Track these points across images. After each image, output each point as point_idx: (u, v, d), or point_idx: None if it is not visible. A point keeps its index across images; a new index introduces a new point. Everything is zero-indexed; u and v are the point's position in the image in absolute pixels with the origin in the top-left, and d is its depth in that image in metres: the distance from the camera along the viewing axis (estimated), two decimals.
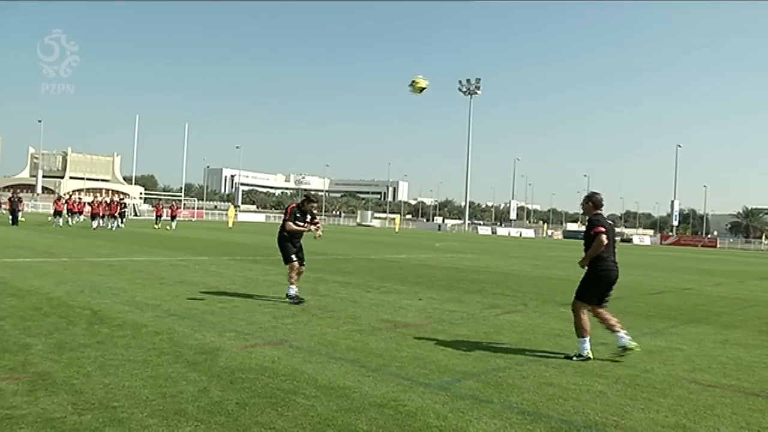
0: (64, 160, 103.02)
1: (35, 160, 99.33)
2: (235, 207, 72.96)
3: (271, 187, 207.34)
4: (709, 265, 30.05)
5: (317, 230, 10.15)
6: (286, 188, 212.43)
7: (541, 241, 65.73)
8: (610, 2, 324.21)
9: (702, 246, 73.33)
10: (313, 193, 10.65)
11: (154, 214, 39.31)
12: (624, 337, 6.76)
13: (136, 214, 64.95)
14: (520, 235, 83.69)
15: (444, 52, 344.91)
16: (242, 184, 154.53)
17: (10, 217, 32.81)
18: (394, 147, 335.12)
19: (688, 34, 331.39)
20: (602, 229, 6.66)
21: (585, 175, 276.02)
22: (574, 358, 6.58)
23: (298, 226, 9.81)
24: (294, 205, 10.07)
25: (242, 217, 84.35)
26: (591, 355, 6.61)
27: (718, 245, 76.33)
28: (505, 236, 77.59)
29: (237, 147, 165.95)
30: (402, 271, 16.92)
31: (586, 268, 6.87)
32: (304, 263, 9.94)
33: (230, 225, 50.70)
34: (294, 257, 9.70)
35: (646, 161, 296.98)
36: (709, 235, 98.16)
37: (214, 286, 11.10)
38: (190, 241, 26.23)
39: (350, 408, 4.52)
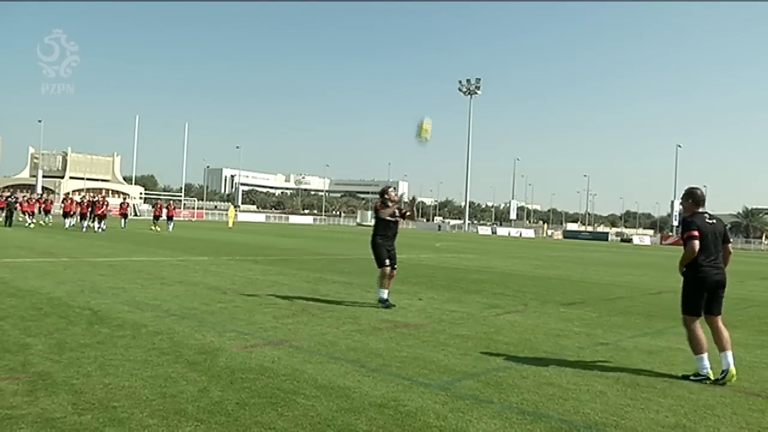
0: (64, 160, 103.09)
1: (35, 160, 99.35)
2: (235, 207, 72.91)
3: (271, 187, 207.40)
4: None
5: (409, 211, 9.88)
6: (286, 188, 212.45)
7: (541, 241, 65.72)
8: (610, 2, 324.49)
9: None
10: (386, 186, 10.20)
11: (153, 214, 37.97)
12: (729, 360, 5.95)
13: (136, 214, 64.97)
14: (520, 235, 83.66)
15: (444, 51, 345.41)
16: (242, 184, 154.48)
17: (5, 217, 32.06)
18: (394, 147, 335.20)
19: (688, 34, 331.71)
20: (695, 233, 6.05)
21: (585, 175, 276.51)
22: (692, 378, 5.96)
23: (392, 216, 9.66)
24: (378, 204, 9.84)
25: (242, 217, 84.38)
26: (711, 376, 5.92)
27: None
28: (505, 236, 77.58)
29: (237, 147, 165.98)
30: (402, 271, 16.84)
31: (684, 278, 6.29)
32: (396, 266, 9.81)
33: (230, 225, 50.72)
34: (387, 261, 9.60)
35: (646, 161, 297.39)
36: None
37: (215, 286, 11.10)
38: (191, 241, 26.23)
39: (350, 408, 4.52)
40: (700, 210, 6.29)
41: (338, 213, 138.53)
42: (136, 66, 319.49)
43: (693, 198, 6.34)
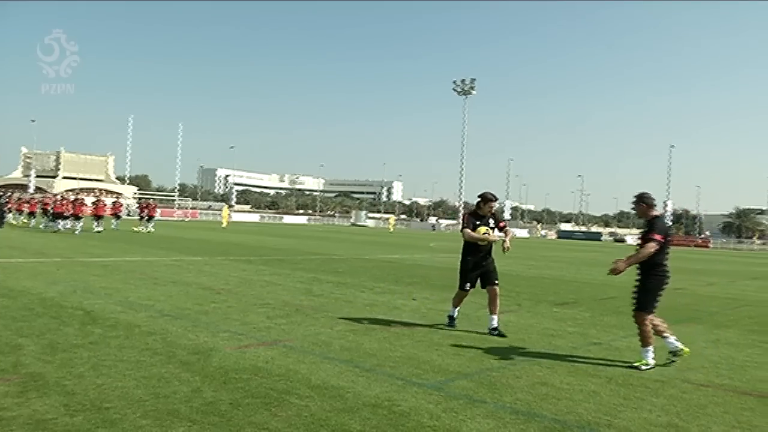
0: (57, 160, 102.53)
1: (28, 160, 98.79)
2: (229, 207, 72.75)
3: (266, 187, 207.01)
4: (701, 265, 30.17)
5: (506, 239, 8.15)
6: (281, 188, 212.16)
7: (535, 240, 65.85)
8: (604, 2, 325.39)
9: (695, 246, 73.63)
10: (489, 193, 8.23)
11: (138, 214, 36.77)
12: (673, 341, 6.57)
13: (129, 214, 64.72)
14: (514, 235, 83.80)
15: (439, 51, 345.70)
16: (236, 184, 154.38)
17: None
18: (388, 147, 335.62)
19: (682, 34, 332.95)
20: (660, 237, 6.42)
21: (579, 176, 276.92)
22: (642, 367, 6.32)
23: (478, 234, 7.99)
24: (467, 213, 8.32)
25: (236, 217, 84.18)
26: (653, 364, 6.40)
27: (711, 245, 76.69)
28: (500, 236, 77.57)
29: (231, 147, 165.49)
30: (396, 271, 16.92)
31: (641, 275, 6.62)
32: (497, 282, 8.05)
33: (224, 225, 50.59)
34: (468, 285, 8.09)
35: (639, 161, 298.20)
36: (702, 235, 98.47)
37: (208, 287, 11.07)
38: (184, 242, 26.17)
39: (344, 408, 4.51)
40: (656, 213, 6.72)
41: (333, 213, 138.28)
42: (131, 66, 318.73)
43: (648, 201, 6.72)
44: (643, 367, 6.32)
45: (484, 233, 7.93)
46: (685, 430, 4.49)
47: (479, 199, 8.17)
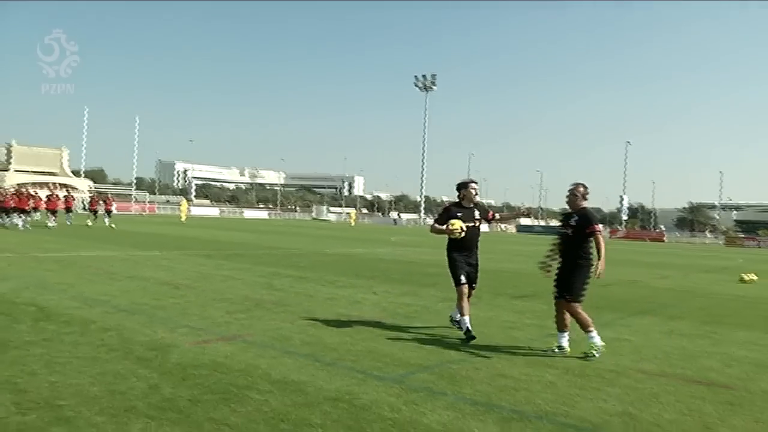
0: (8, 153, 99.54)
1: None
2: (188, 201, 71.69)
3: (226, 181, 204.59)
4: (656, 258, 30.90)
5: (502, 221, 7.99)
6: (241, 182, 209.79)
7: (495, 235, 66.53)
8: (561, 2, 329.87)
9: (650, 240, 75.27)
10: (470, 182, 7.65)
11: (89, 209, 35.42)
12: (566, 338, 6.77)
13: (84, 209, 63.21)
14: (517, 221, 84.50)
15: (400, 47, 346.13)
16: (195, 178, 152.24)
17: None
18: (350, 142, 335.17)
19: (636, 33, 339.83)
20: (601, 227, 6.65)
21: (538, 171, 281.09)
22: (596, 353, 6.46)
23: (449, 226, 7.26)
24: (449, 204, 7.71)
25: (195, 211, 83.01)
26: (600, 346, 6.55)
27: (665, 239, 78.44)
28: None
29: (190, 140, 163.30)
30: (357, 265, 16.93)
31: (579, 266, 6.62)
32: (475, 284, 7.54)
33: (183, 219, 49.87)
34: (463, 278, 7.33)
35: (597, 157, 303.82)
36: (657, 230, 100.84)
37: (166, 281, 10.90)
38: (141, 236, 25.70)
39: (304, 402, 4.51)
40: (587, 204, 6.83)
41: (294, 207, 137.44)
42: (86, 57, 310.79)
43: (585, 193, 6.80)
44: (596, 353, 6.45)
45: (454, 229, 7.23)
46: (639, 418, 4.61)
47: (460, 185, 7.61)
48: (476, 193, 7.54)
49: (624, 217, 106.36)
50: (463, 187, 7.54)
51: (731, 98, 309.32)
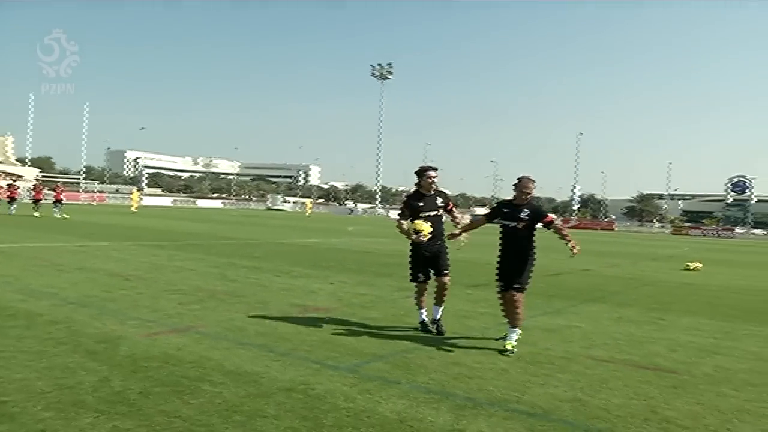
0: None
1: None
2: (139, 190, 70.16)
3: (178, 170, 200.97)
4: (606, 247, 31.66)
5: (458, 223, 7.24)
6: (194, 171, 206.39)
7: (451, 224, 67.15)
8: None
9: (600, 229, 77.01)
10: (428, 168, 7.11)
11: (33, 198, 33.07)
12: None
13: (31, 199, 61.27)
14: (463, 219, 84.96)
15: (356, 35, 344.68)
16: (147, 167, 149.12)
17: None
18: (305, 130, 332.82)
19: (585, 24, 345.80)
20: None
21: (492, 161, 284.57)
22: (515, 350, 6.22)
23: (409, 226, 6.94)
24: (407, 196, 7.25)
25: (147, 201, 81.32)
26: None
27: (615, 228, 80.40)
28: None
29: (141, 128, 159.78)
30: (313, 255, 16.87)
31: (530, 258, 6.59)
32: (445, 272, 7.06)
33: (134, 209, 48.77)
34: (421, 275, 7.07)
35: (550, 147, 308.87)
36: (607, 219, 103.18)
37: (117, 273, 10.66)
38: (91, 226, 25.06)
39: (258, 393, 4.48)
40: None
41: (248, 197, 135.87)
42: (32, 41, 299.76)
43: (534, 188, 6.69)
44: (515, 350, 6.22)
45: (418, 232, 6.79)
46: (588, 403, 4.72)
47: (419, 171, 7.08)
48: (432, 182, 7.00)
49: (575, 207, 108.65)
50: (419, 174, 7.05)
51: (678, 90, 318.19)
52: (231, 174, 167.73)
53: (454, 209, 7.33)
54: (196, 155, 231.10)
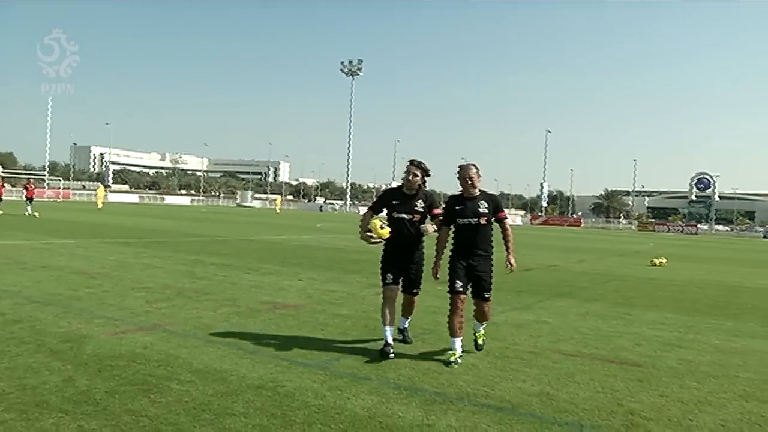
0: None
1: None
2: (105, 187, 68.95)
3: (145, 167, 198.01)
4: (573, 243, 32.10)
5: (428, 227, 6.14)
6: (162, 168, 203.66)
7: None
8: None
9: (568, 225, 78.09)
10: (414, 162, 6.04)
11: (25, 196, 32.15)
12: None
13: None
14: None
15: (326, 32, 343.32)
16: (113, 163, 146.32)
17: None
18: (275, 127, 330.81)
19: (555, 20, 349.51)
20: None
21: (462, 158, 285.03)
22: (460, 360, 5.62)
23: (373, 228, 5.98)
24: (387, 189, 6.36)
25: (114, 197, 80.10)
26: None
27: (582, 224, 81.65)
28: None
29: (107, 124, 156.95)
30: (283, 252, 16.79)
31: (487, 260, 5.90)
32: (416, 291, 6.28)
33: (99, 206, 47.95)
34: (389, 275, 6.02)
35: (519, 144, 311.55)
36: (574, 215, 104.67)
37: (82, 271, 10.48)
38: (55, 223, 24.57)
39: (227, 391, 4.45)
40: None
41: (217, 194, 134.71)
42: None
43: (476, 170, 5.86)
44: (460, 360, 5.64)
45: (369, 231, 6.01)
46: (556, 397, 4.79)
47: (408, 166, 6.06)
48: (414, 180, 5.96)
49: (544, 204, 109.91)
50: (410, 170, 6.01)
51: (644, 87, 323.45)
52: (199, 170, 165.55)
53: (434, 223, 6.23)
54: (164, 151, 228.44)
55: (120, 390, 4.35)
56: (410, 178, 5.96)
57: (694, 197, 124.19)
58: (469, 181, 5.79)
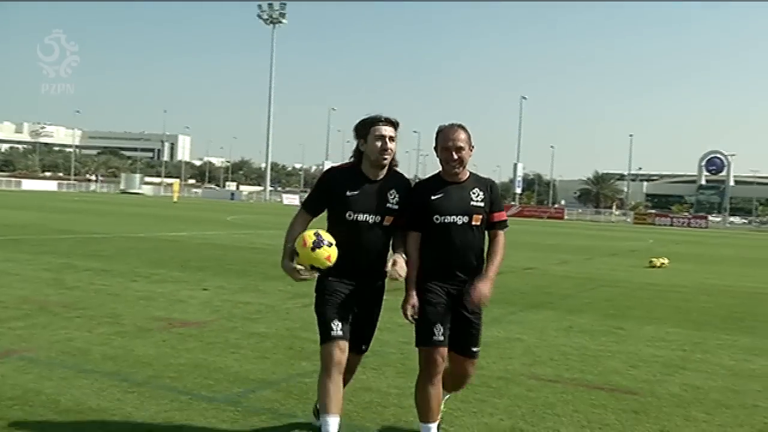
0: None
1: None
2: None
3: None
4: (555, 239, 32.76)
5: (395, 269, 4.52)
6: (18, 142, 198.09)
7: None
8: None
9: (548, 217, 79.54)
10: (374, 116, 4.37)
11: None
12: None
13: None
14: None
15: None
16: None
17: None
18: (171, 91, 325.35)
19: None
20: None
21: (415, 131, 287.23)
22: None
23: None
24: (333, 168, 4.83)
25: None
26: None
27: (566, 216, 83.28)
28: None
29: None
30: (182, 253, 16.62)
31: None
32: (365, 349, 4.77)
33: None
34: (337, 326, 4.27)
35: (486, 115, 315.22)
36: (556, 205, 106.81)
37: None
38: None
39: None
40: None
41: (94, 176, 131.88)
42: None
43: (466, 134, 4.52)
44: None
45: (295, 254, 4.44)
46: None
47: (358, 137, 4.45)
48: (386, 148, 4.32)
49: (518, 190, 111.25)
50: (364, 128, 4.39)
51: (642, 46, 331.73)
52: (69, 146, 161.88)
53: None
54: (21, 121, 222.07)
55: None
56: (381, 145, 4.31)
57: (703, 182, 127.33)
58: (455, 154, 4.39)
